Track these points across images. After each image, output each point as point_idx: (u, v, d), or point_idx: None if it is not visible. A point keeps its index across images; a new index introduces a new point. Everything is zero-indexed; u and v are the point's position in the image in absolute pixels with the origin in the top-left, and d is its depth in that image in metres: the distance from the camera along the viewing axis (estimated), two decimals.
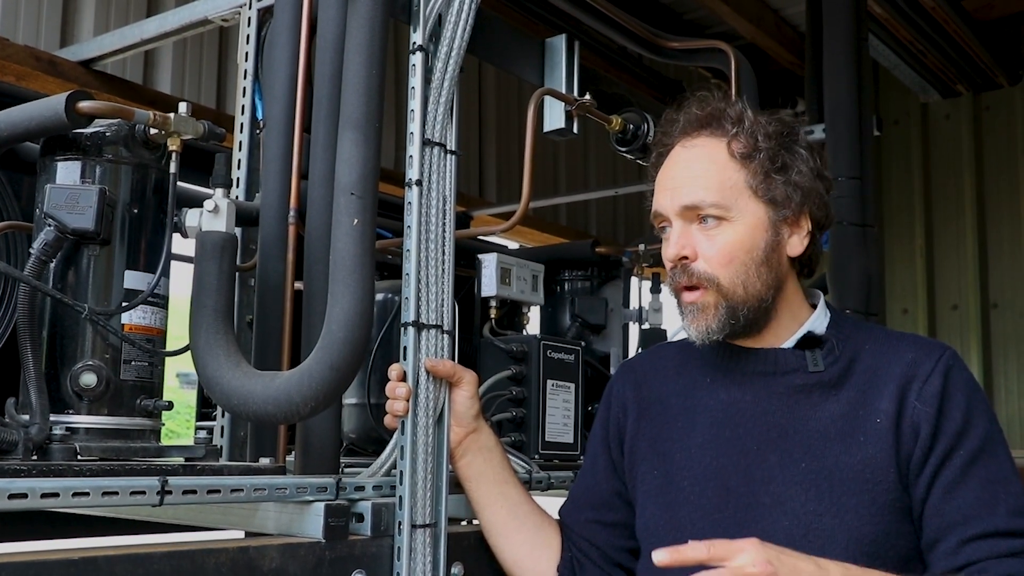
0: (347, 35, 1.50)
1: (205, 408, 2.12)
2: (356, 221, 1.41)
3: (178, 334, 1.46)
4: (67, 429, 1.34)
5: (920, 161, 5.74)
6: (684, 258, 1.43)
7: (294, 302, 1.61)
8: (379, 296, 2.03)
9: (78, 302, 1.36)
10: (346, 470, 1.61)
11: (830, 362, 1.43)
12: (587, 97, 2.06)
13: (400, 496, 1.47)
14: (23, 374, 1.31)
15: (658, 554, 1.16)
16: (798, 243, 1.46)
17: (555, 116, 2.06)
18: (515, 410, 1.98)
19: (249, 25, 1.90)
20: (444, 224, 1.57)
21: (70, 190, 1.36)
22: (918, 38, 4.88)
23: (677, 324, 1.56)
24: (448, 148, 1.59)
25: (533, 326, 2.45)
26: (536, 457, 1.95)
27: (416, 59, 1.58)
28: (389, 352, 1.93)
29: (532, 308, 2.37)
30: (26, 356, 1.30)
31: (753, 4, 4.83)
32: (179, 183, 1.46)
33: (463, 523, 1.69)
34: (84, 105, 1.36)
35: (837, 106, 3.11)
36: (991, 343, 5.44)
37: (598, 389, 1.92)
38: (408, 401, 1.50)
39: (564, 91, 2.05)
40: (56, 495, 1.14)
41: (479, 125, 4.86)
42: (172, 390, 1.56)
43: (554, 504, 1.65)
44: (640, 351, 2.49)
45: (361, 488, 1.48)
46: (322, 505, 1.37)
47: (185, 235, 1.47)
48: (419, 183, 1.54)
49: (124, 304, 1.41)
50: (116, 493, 1.18)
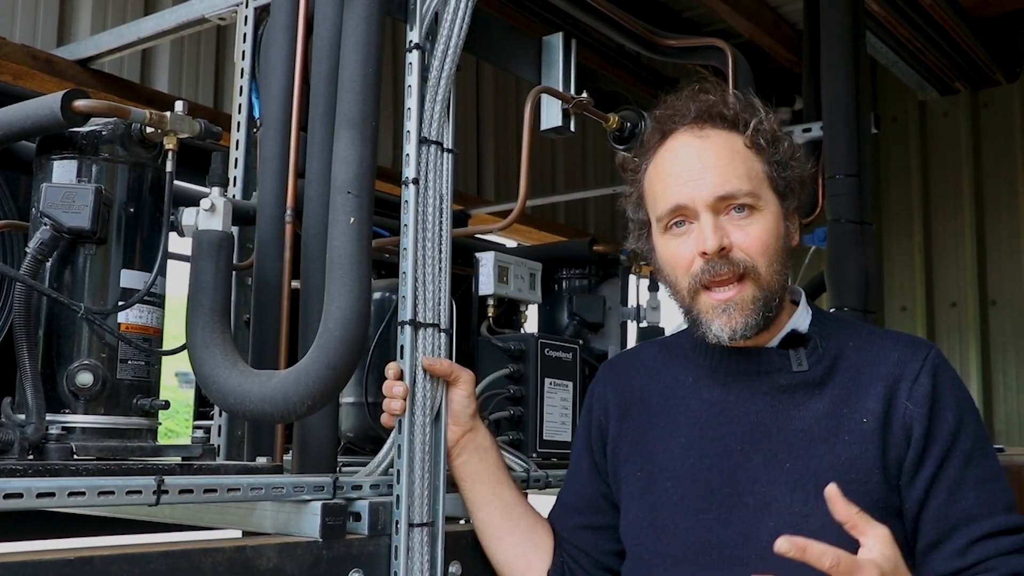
0: (343, 33, 1.50)
1: (203, 407, 2.12)
2: (353, 219, 1.41)
3: (175, 333, 1.45)
4: (63, 428, 1.33)
5: (918, 158, 5.74)
6: (722, 248, 1.36)
7: (291, 301, 1.61)
8: (376, 295, 2.02)
9: (74, 301, 1.36)
10: (343, 469, 1.61)
11: (814, 361, 1.41)
12: (584, 95, 2.06)
13: (397, 495, 1.47)
14: (19, 373, 1.31)
15: (782, 542, 1.08)
16: (796, 235, 1.46)
17: (552, 114, 2.06)
18: (513, 408, 1.98)
19: (246, 24, 1.90)
20: (441, 222, 1.57)
21: (66, 189, 1.35)
22: (916, 36, 4.87)
23: (676, 322, 1.55)
24: (445, 146, 1.59)
25: (531, 324, 2.45)
26: (534, 455, 1.95)
27: (413, 57, 1.57)
28: (386, 351, 1.92)
29: (530, 306, 2.36)
30: (22, 355, 1.30)
31: (751, 2, 4.82)
32: (176, 182, 1.45)
33: (461, 522, 1.68)
34: (80, 104, 1.35)
35: (835, 104, 3.11)
36: (990, 340, 5.44)
37: None
38: (405, 400, 1.49)
39: (561, 89, 2.05)
40: (52, 495, 1.13)
41: (477, 123, 4.86)
42: (171, 389, 1.56)
43: (552, 503, 1.64)
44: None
45: (358, 487, 1.47)
46: (319, 504, 1.37)
47: (181, 234, 1.47)
48: (416, 181, 1.54)
49: (120, 303, 1.40)
50: (112, 493, 1.18)
